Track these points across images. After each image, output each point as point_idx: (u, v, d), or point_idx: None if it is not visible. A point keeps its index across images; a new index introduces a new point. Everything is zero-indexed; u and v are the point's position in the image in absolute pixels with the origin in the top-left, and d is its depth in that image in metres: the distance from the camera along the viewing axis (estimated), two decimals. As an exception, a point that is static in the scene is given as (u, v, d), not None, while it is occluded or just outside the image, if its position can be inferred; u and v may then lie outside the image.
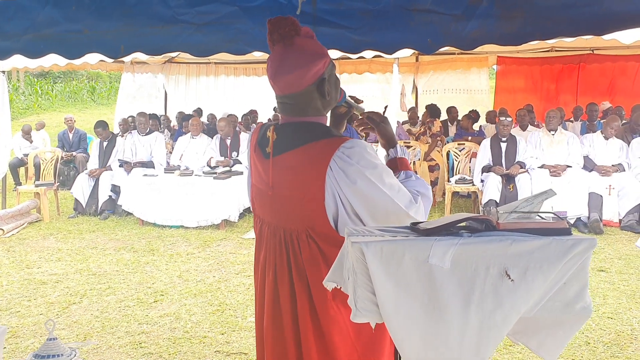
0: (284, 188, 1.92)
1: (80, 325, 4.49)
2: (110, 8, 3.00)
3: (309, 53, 1.87)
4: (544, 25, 2.82)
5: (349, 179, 1.80)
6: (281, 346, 1.97)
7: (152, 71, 12.29)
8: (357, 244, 1.27)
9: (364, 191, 1.80)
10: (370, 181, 1.79)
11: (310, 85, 1.87)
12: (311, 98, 1.90)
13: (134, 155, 8.69)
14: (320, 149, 1.85)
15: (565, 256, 1.26)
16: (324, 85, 1.90)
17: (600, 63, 11.18)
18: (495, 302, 1.25)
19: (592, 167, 7.60)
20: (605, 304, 4.80)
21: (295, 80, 1.86)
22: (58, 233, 7.51)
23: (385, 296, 1.27)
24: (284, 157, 1.91)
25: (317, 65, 1.87)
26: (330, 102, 1.99)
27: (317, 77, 1.88)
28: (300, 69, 1.85)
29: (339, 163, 1.80)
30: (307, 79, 1.86)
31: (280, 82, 1.89)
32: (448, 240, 1.27)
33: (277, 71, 1.88)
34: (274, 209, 1.98)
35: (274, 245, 1.98)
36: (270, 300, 2.01)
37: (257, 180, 2.05)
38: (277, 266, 1.97)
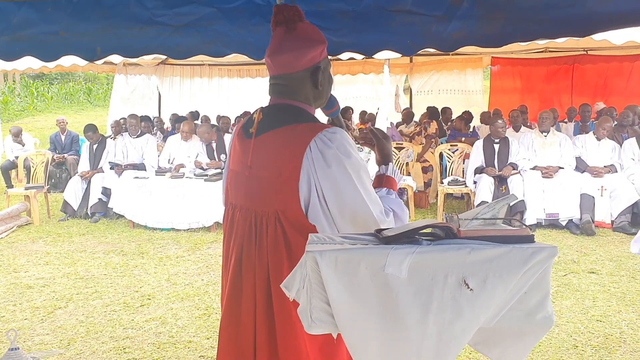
0: (261, 168, 1.90)
1: (64, 331, 4.44)
2: (87, 10, 2.96)
3: (308, 37, 1.91)
4: (526, 27, 2.79)
5: (325, 161, 1.77)
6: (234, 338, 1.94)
7: (145, 73, 12.26)
8: (311, 253, 1.23)
9: (337, 178, 1.77)
10: (346, 170, 1.78)
11: (305, 69, 1.90)
12: (303, 84, 1.92)
13: (125, 157, 8.65)
14: (302, 130, 1.84)
15: (525, 265, 1.22)
16: (318, 74, 1.92)
17: (594, 64, 11.17)
18: (454, 312, 1.21)
19: (584, 168, 7.56)
20: (595, 307, 4.76)
21: (291, 61, 1.89)
22: (47, 236, 7.46)
23: (341, 307, 1.23)
24: (265, 137, 1.90)
25: (315, 51, 1.90)
26: (321, 96, 1.99)
27: (312, 63, 1.91)
28: (297, 50, 1.88)
29: (319, 145, 1.79)
30: (302, 61, 1.89)
31: (276, 60, 1.91)
32: (405, 249, 1.23)
33: (276, 50, 1.91)
34: (248, 190, 1.95)
35: (243, 230, 1.94)
36: (231, 285, 1.97)
37: (235, 164, 2.02)
38: (244, 251, 1.93)
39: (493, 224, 1.41)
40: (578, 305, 4.80)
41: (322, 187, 1.79)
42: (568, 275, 5.55)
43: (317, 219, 1.81)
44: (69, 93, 27.46)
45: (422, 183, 9.06)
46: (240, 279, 1.94)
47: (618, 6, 2.63)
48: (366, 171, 1.84)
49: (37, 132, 18.61)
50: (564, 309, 4.72)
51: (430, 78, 12.36)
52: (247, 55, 3.00)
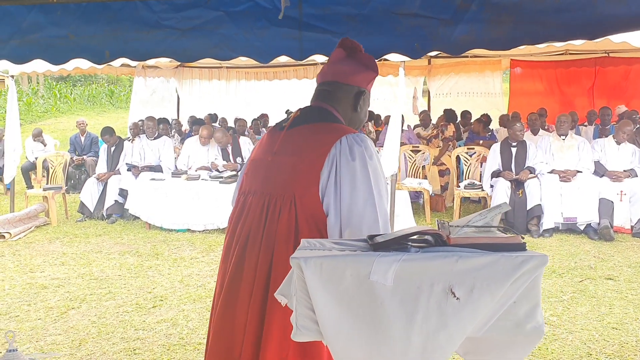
0: (287, 153, 1.99)
1: (76, 331, 4.48)
2: (95, 13, 2.98)
3: (366, 62, 2.11)
4: (534, 30, 2.75)
5: (351, 154, 1.88)
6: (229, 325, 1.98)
7: (164, 75, 12.34)
8: (296, 259, 1.21)
9: (357, 173, 1.86)
10: (367, 169, 1.88)
11: (353, 85, 2.07)
12: (346, 98, 2.07)
13: (143, 159, 8.72)
14: (335, 127, 1.98)
15: (514, 274, 1.19)
16: (360, 97, 2.09)
17: (615, 66, 10.97)
18: (440, 321, 1.19)
19: (603, 173, 7.44)
20: (611, 314, 4.67)
21: (347, 72, 2.06)
22: (64, 237, 7.55)
23: (325, 314, 1.21)
24: (298, 129, 2.02)
25: (368, 76, 2.10)
26: (355, 121, 2.12)
27: (360, 85, 2.08)
28: (354, 67, 2.07)
29: (349, 140, 1.91)
30: (355, 78, 2.06)
31: (335, 67, 2.09)
32: (391, 256, 1.21)
33: (337, 61, 2.10)
34: (268, 175, 2.02)
35: (254, 214, 1.99)
36: (232, 269, 1.99)
37: (257, 153, 2.12)
38: (250, 236, 1.97)
39: (487, 232, 1.38)
40: (593, 312, 4.72)
41: (342, 178, 1.87)
42: (584, 282, 5.46)
43: (328, 209, 1.87)
44: (92, 95, 27.79)
45: (439, 186, 9.00)
46: (242, 264, 1.97)
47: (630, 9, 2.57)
48: (384, 184, 1.93)
49: (59, 134, 18.90)
50: (578, 315, 4.63)
51: (448, 80, 12.25)
52: (253, 59, 3.00)
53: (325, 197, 1.87)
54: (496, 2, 2.68)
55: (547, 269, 5.83)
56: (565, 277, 5.59)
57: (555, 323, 4.48)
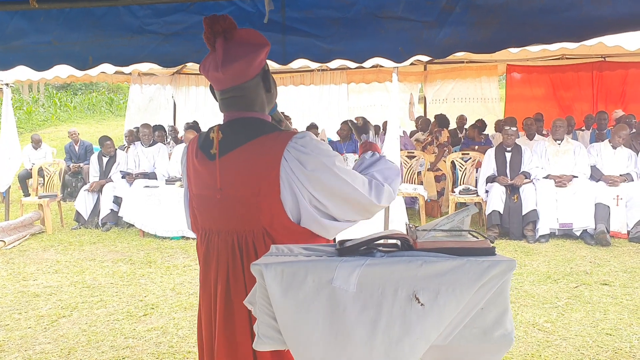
0: (234, 188, 1.83)
1: (66, 340, 4.44)
2: (78, 19, 2.95)
3: (253, 42, 1.86)
4: (520, 31, 2.71)
5: (305, 166, 1.75)
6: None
7: (160, 82, 12.33)
8: (257, 266, 1.18)
9: (321, 178, 1.76)
10: (327, 167, 1.77)
11: (257, 75, 1.87)
12: (257, 91, 1.89)
13: (137, 166, 8.70)
14: (272, 141, 1.80)
15: (480, 279, 1.15)
16: (268, 77, 1.91)
17: (612, 70, 10.95)
18: (404, 328, 1.15)
19: (599, 177, 7.40)
20: (606, 319, 4.63)
21: (244, 68, 1.83)
22: (59, 245, 7.52)
23: (286, 321, 1.17)
24: (232, 155, 1.83)
25: (262, 53, 1.87)
26: (271, 99, 1.97)
27: (261, 67, 1.88)
28: (247, 56, 1.82)
29: (293, 153, 1.76)
30: (254, 66, 1.84)
31: (229, 71, 1.82)
32: (354, 261, 1.18)
33: (224, 61, 1.82)
34: (224, 213, 1.87)
35: (226, 254, 1.86)
36: (222, 316, 1.88)
37: (200, 187, 1.94)
38: (230, 276, 1.85)
39: (457, 236, 1.34)
40: (588, 317, 4.67)
41: (310, 192, 1.77)
42: (579, 287, 5.42)
43: (311, 221, 1.80)
44: (92, 103, 27.82)
45: (435, 192, 8.96)
46: (231, 305, 1.87)
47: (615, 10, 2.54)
48: (339, 158, 1.83)
49: (59, 142, 18.87)
50: (573, 321, 4.59)
51: (445, 86, 12.23)
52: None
53: (302, 212, 1.78)
54: (481, 3, 2.64)
55: (543, 274, 5.80)
56: (561, 283, 5.54)
57: (550, 329, 4.43)
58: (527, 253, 6.66)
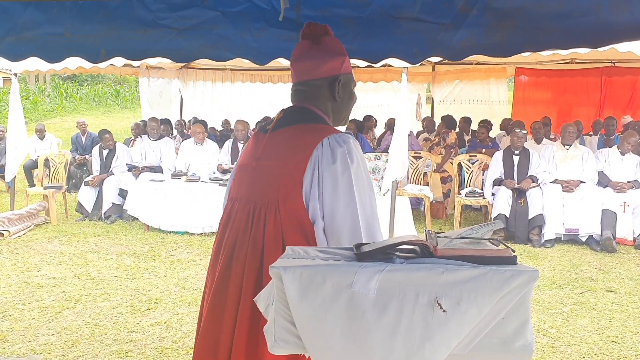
0: (270, 158, 1.94)
1: (69, 332, 4.43)
2: (91, 11, 2.95)
3: (330, 49, 1.99)
4: (536, 36, 2.69)
5: (333, 157, 1.81)
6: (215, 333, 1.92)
7: (167, 76, 12.32)
8: (275, 269, 1.16)
9: (338, 176, 1.80)
10: (348, 172, 1.80)
11: (323, 78, 1.97)
12: (322, 92, 1.98)
13: (144, 159, 8.69)
14: (317, 128, 1.91)
15: (502, 288, 1.13)
16: (336, 85, 1.97)
17: (621, 76, 10.90)
18: (425, 333, 1.13)
19: (607, 183, 7.36)
20: (611, 327, 4.60)
21: (311, 68, 1.97)
22: (63, 236, 7.51)
23: (304, 326, 1.16)
24: (280, 132, 1.96)
25: (335, 62, 1.98)
26: (340, 109, 2.04)
27: (331, 74, 1.97)
28: (318, 59, 1.97)
29: (331, 142, 1.84)
30: (322, 70, 1.96)
31: (297, 66, 2.00)
32: (375, 266, 1.16)
33: (298, 57, 2.01)
34: (252, 181, 1.98)
35: (239, 221, 1.94)
36: (220, 277, 1.95)
37: (244, 159, 2.07)
38: (237, 243, 1.92)
39: (477, 243, 1.32)
40: (593, 324, 4.65)
41: (324, 182, 1.81)
42: (585, 294, 5.39)
43: (315, 215, 1.82)
44: (98, 95, 27.86)
45: (441, 193, 8.93)
46: (229, 272, 1.92)
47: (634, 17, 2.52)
48: (368, 187, 1.86)
49: (64, 133, 18.90)
50: (578, 328, 4.56)
51: (453, 88, 12.19)
52: (250, 60, 2.96)
53: (310, 203, 1.81)
54: (497, 7, 2.62)
55: (548, 280, 5.77)
56: (566, 289, 5.52)
57: (554, 335, 4.41)
58: (532, 257, 6.63)
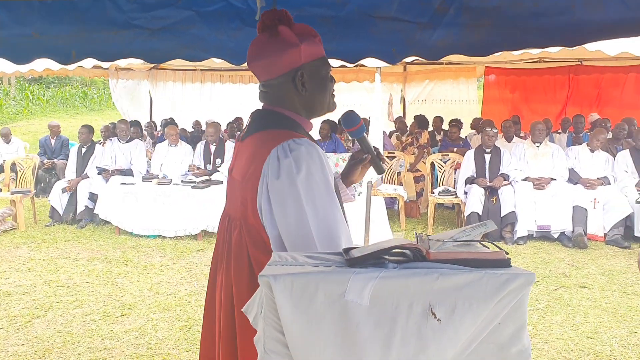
0: (237, 170, 1.85)
1: (40, 341, 4.31)
2: (61, 12, 2.85)
3: (286, 40, 1.77)
4: (513, 35, 2.70)
5: (278, 171, 1.64)
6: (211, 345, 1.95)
7: (137, 77, 12.14)
8: (265, 277, 1.12)
9: (283, 193, 1.63)
10: (294, 185, 1.62)
11: (283, 74, 1.78)
12: (285, 91, 1.80)
13: (114, 162, 8.52)
14: (274, 135, 1.73)
15: (498, 293, 1.11)
16: (298, 79, 1.78)
17: (588, 74, 11.10)
18: (419, 344, 1.10)
19: (577, 180, 7.47)
20: (586, 323, 4.66)
21: (266, 66, 1.79)
22: (32, 242, 7.33)
23: (295, 337, 1.12)
24: (247, 140, 1.83)
25: (291, 54, 1.76)
26: (311, 101, 1.83)
27: (290, 67, 1.77)
28: (272, 56, 1.77)
29: (279, 153, 1.66)
30: (278, 66, 1.77)
31: (253, 67, 1.85)
32: (368, 273, 1.12)
33: (253, 57, 1.83)
34: (228, 194, 1.93)
35: (219, 233, 1.93)
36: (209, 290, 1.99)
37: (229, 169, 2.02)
38: (218, 255, 1.91)
39: (468, 246, 1.30)
40: (568, 321, 4.70)
41: (271, 198, 1.66)
42: (559, 290, 5.45)
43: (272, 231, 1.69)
44: (65, 97, 27.32)
45: (414, 193, 8.96)
46: (214, 284, 1.93)
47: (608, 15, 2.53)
48: (327, 190, 1.66)
49: (31, 136, 18.50)
50: (554, 324, 4.61)
51: (423, 87, 12.26)
52: (226, 60, 2.90)
53: (264, 219, 1.69)
54: (474, 6, 2.61)
55: (522, 276, 5.81)
56: (540, 285, 5.57)
57: (531, 332, 4.44)
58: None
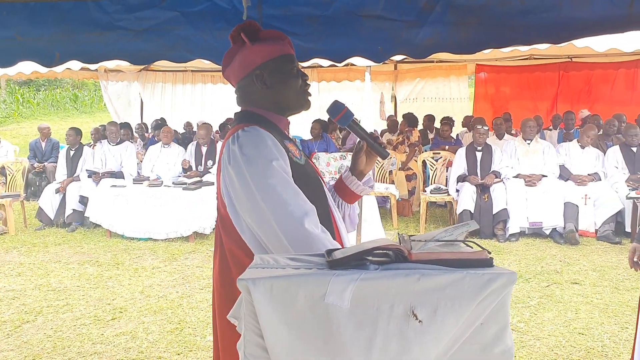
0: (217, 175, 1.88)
1: (30, 346, 4.28)
2: (43, 14, 2.83)
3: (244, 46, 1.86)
4: (500, 33, 2.69)
5: (228, 158, 1.70)
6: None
7: (127, 79, 12.09)
8: (244, 281, 1.10)
9: (233, 178, 1.67)
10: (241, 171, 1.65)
11: (246, 76, 1.85)
12: (252, 91, 1.87)
13: (104, 165, 8.48)
14: (234, 129, 1.81)
15: (480, 293, 1.10)
16: (260, 78, 1.84)
17: (578, 71, 11.14)
18: (401, 346, 1.09)
19: (568, 177, 7.49)
20: (577, 319, 4.66)
21: (232, 72, 1.89)
22: (22, 246, 7.28)
23: (276, 341, 1.10)
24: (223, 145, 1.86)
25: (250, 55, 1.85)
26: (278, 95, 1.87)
27: (251, 68, 1.84)
28: (234, 61, 1.88)
29: (230, 141, 1.73)
30: (240, 70, 1.86)
31: (227, 76, 1.95)
32: (348, 275, 1.11)
33: (224, 66, 1.94)
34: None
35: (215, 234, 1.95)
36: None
37: None
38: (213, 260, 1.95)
39: (451, 246, 1.29)
40: (560, 317, 4.70)
41: (227, 184, 1.70)
42: (551, 286, 5.45)
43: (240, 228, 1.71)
44: (56, 100, 27.14)
45: (406, 191, 8.96)
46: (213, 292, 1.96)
47: (594, 12, 2.54)
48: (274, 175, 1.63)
49: (21, 139, 18.39)
50: (545, 321, 4.61)
51: (414, 86, 12.27)
52: (212, 61, 2.88)
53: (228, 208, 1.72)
54: (460, 3, 2.61)
55: (514, 274, 5.82)
56: (532, 282, 5.57)
57: (523, 329, 4.44)
58: (497, 252, 6.69)
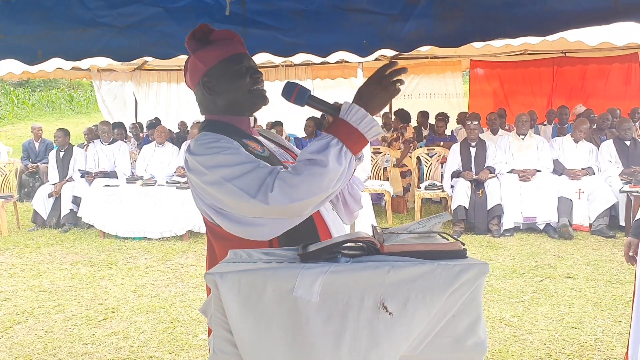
0: None
1: (21, 347, 4.25)
2: (25, 11, 2.79)
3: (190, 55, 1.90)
4: (485, 25, 2.66)
5: (187, 168, 1.76)
6: None
7: (120, 79, 12.04)
8: (211, 275, 1.08)
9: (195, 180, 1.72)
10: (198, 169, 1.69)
11: (197, 84, 1.88)
12: (203, 97, 1.90)
13: (97, 165, 8.45)
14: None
15: (452, 284, 1.08)
16: (207, 85, 1.86)
17: (572, 66, 11.13)
18: (371, 339, 1.07)
19: (562, 171, 7.48)
20: (571, 313, 4.65)
21: (188, 83, 1.94)
22: (15, 247, 7.25)
23: (244, 336, 1.08)
24: None
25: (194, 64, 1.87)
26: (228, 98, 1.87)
27: (199, 76, 1.86)
28: (186, 73, 1.92)
29: (186, 153, 1.78)
30: (191, 79, 1.90)
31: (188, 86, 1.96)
32: (317, 268, 1.09)
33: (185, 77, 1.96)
34: None
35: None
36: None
37: None
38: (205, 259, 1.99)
39: (426, 237, 1.27)
40: (554, 311, 4.68)
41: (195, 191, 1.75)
42: (545, 281, 5.44)
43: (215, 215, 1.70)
44: (51, 100, 27.05)
45: (401, 188, 8.95)
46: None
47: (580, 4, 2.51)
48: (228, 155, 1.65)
49: (16, 140, 18.33)
50: (539, 315, 4.60)
51: (409, 82, 12.24)
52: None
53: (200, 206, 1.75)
54: (445, -4, 2.59)
55: (508, 269, 5.81)
56: (526, 277, 5.56)
57: (516, 324, 4.43)
58: (492, 247, 6.68)
